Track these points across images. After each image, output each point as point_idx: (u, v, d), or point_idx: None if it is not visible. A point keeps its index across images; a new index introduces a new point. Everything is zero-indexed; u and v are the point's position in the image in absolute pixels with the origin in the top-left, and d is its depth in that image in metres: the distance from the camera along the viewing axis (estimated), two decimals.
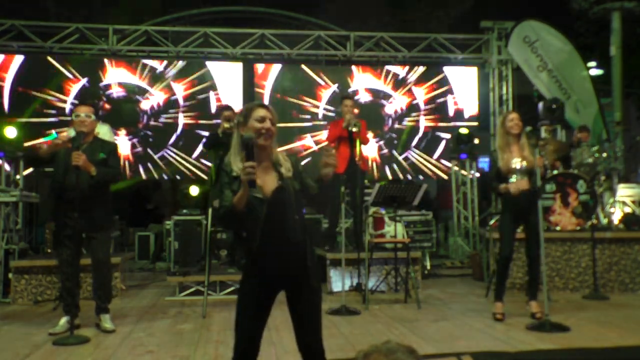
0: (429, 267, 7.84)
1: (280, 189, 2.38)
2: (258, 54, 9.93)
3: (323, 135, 9.33)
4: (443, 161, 9.94)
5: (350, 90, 9.76)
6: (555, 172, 6.87)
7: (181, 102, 9.54)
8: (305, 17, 10.86)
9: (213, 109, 9.46)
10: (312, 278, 2.41)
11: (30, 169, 8.11)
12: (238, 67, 9.75)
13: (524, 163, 4.79)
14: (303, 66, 9.89)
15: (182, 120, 9.52)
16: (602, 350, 3.86)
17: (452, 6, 15.31)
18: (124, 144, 9.25)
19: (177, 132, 9.50)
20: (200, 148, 9.17)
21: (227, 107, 6.49)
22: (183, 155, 9.46)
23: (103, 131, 6.15)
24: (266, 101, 9.69)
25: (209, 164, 7.06)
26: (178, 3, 11.77)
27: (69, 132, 5.48)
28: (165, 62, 9.58)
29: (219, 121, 6.33)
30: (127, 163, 9.22)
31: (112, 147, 4.79)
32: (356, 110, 6.87)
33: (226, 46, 9.68)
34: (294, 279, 2.40)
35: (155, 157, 9.40)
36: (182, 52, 9.74)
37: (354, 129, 6.18)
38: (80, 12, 12.61)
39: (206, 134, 8.35)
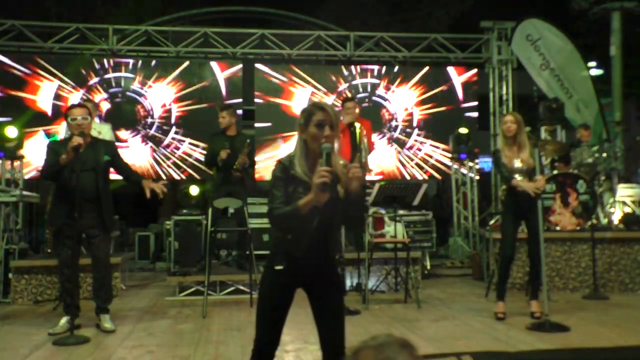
0: (429, 267, 7.84)
1: (331, 202, 2.33)
2: (258, 54, 9.93)
3: None
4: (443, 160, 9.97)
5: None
6: (555, 172, 6.88)
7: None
8: (305, 17, 10.86)
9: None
10: (341, 287, 2.55)
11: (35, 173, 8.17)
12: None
13: (523, 164, 4.80)
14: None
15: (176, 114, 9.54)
16: (602, 350, 3.86)
17: (452, 6, 15.31)
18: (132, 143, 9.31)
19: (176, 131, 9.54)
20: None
21: (224, 107, 6.42)
22: (183, 155, 9.50)
23: (104, 130, 6.16)
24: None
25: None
26: (178, 3, 11.79)
27: (59, 132, 5.48)
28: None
29: None
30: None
31: (114, 146, 4.86)
32: (357, 111, 6.84)
33: (226, 46, 9.68)
34: (324, 285, 2.45)
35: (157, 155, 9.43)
36: (182, 52, 9.74)
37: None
38: (80, 12, 12.61)
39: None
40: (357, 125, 6.11)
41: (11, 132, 7.41)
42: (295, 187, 2.34)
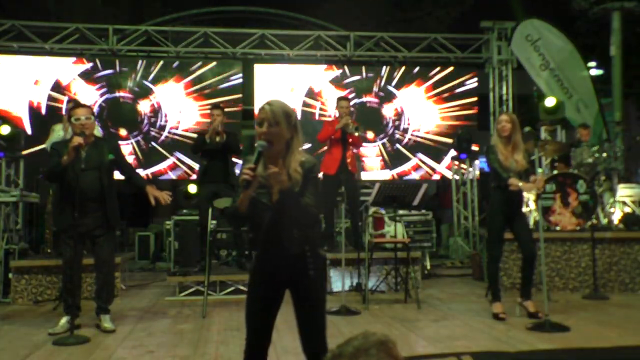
0: (429, 267, 7.83)
1: (282, 200, 2.33)
2: (258, 54, 9.93)
3: None
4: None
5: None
6: (555, 172, 6.88)
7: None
8: (305, 17, 10.87)
9: None
10: (313, 287, 2.40)
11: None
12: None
13: (517, 165, 4.78)
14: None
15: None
16: (602, 350, 3.85)
17: (452, 6, 15.30)
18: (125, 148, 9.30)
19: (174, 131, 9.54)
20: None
21: (215, 106, 6.44)
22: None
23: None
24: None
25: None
26: (178, 3, 11.78)
27: (54, 130, 5.45)
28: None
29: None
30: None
31: (117, 144, 4.84)
32: (352, 111, 6.84)
33: (226, 46, 9.68)
34: (295, 285, 2.42)
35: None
36: (182, 52, 9.74)
37: (356, 133, 6.19)
38: (80, 12, 12.61)
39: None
40: (357, 133, 6.13)
41: (5, 130, 7.43)
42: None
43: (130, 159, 9.18)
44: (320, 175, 6.48)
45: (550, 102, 8.21)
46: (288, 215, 2.33)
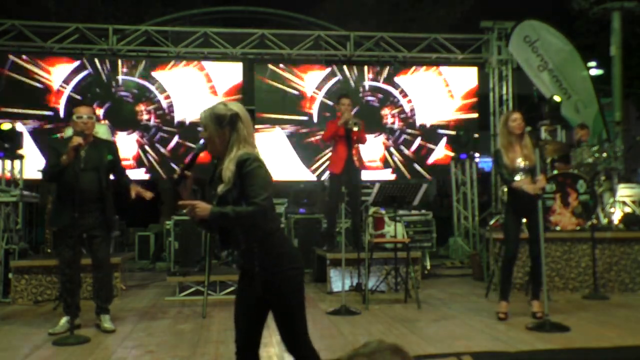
0: (429, 267, 7.83)
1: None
2: (258, 54, 9.93)
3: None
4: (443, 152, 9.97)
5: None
6: (555, 172, 6.87)
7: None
8: (305, 17, 10.85)
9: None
10: (267, 287, 2.34)
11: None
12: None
13: (526, 162, 4.80)
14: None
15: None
16: (602, 350, 3.86)
17: (452, 6, 15.31)
18: (129, 143, 9.29)
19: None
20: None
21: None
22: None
23: (102, 131, 6.16)
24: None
25: None
26: (178, 3, 11.78)
27: (66, 132, 5.45)
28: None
29: None
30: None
31: (115, 146, 4.86)
32: (353, 110, 6.85)
33: (226, 46, 9.68)
34: (252, 282, 2.39)
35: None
36: (182, 52, 9.74)
37: (355, 128, 6.18)
38: (80, 12, 12.61)
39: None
40: (355, 128, 6.13)
41: (5, 126, 7.44)
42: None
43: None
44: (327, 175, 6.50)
45: (557, 99, 8.28)
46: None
